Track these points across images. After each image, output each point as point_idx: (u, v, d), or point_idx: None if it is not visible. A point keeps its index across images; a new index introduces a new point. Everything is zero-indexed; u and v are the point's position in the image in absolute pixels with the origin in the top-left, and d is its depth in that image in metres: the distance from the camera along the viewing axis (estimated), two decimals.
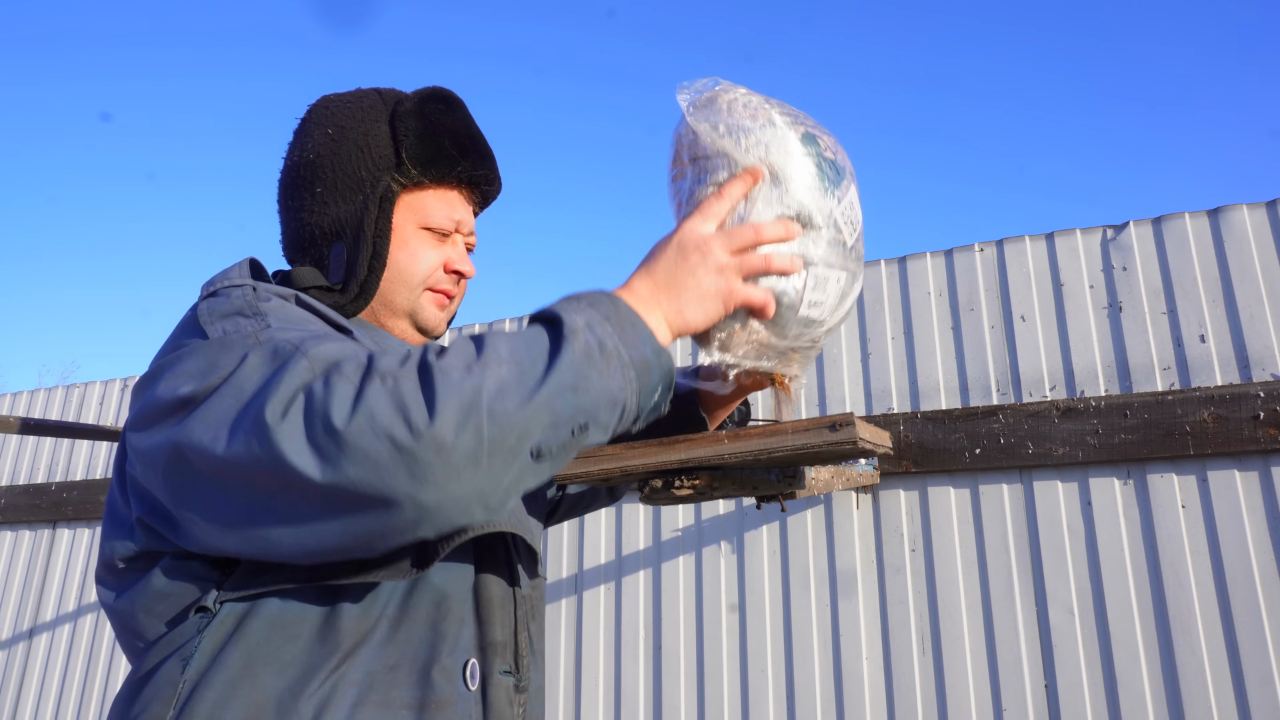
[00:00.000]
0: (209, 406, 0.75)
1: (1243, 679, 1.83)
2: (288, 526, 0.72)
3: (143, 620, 0.84)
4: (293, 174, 1.02)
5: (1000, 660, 2.01)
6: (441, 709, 0.83)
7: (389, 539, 0.71)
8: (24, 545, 3.43)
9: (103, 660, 3.12)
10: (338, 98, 1.05)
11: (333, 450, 0.66)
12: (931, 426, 2.16)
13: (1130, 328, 2.09)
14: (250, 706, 0.76)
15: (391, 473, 0.65)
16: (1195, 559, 1.91)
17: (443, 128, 1.02)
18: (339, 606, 0.82)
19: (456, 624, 0.88)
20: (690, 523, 2.41)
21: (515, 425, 0.67)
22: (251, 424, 0.71)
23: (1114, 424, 2.00)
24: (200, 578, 0.81)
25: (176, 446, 0.75)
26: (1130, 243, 2.15)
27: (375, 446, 0.65)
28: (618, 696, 2.35)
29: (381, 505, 0.67)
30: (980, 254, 2.30)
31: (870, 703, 2.09)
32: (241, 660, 0.78)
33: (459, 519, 0.70)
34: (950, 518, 2.14)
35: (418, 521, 0.68)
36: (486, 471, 0.67)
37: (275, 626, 0.80)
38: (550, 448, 0.70)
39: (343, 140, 1.00)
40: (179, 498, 0.78)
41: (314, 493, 0.68)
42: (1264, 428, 1.88)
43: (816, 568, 2.24)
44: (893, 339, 2.32)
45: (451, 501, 0.67)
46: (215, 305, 0.87)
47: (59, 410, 3.56)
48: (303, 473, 0.67)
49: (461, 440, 0.65)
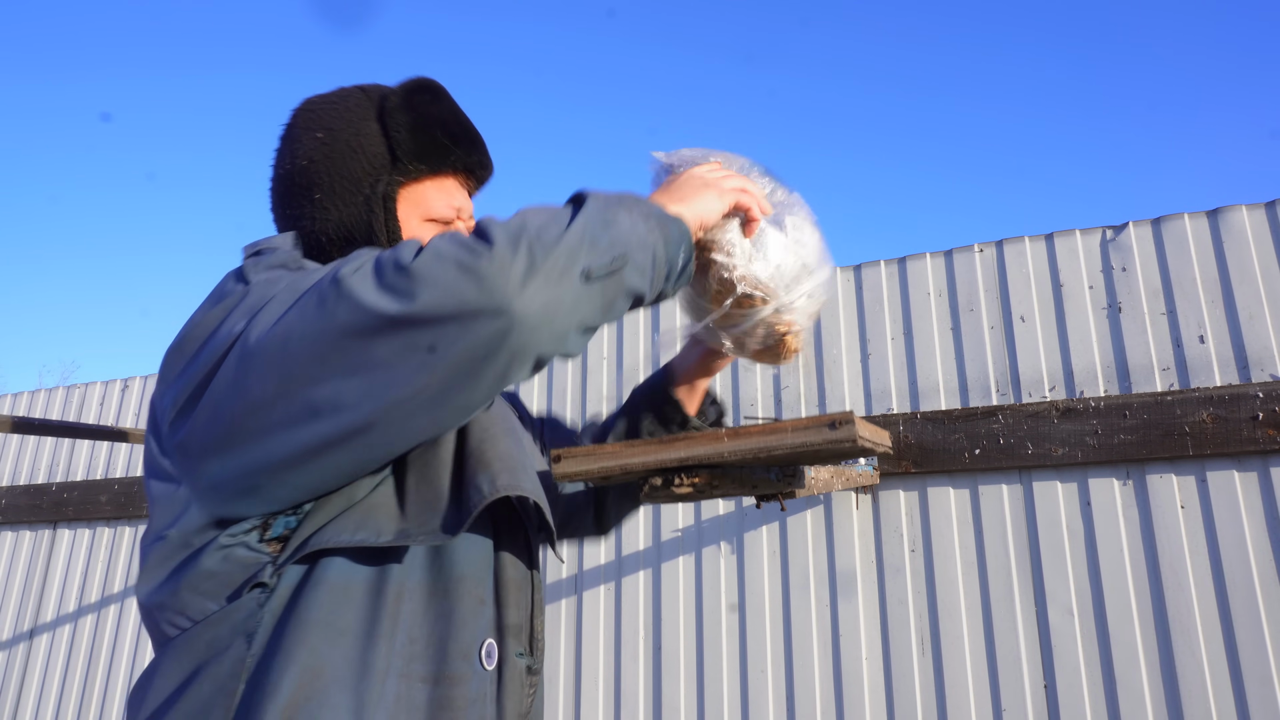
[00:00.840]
0: (267, 311, 0.79)
1: (1242, 680, 1.83)
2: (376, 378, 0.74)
3: (187, 599, 0.84)
4: (287, 182, 1.01)
5: (1000, 661, 2.01)
6: (456, 685, 0.85)
7: (482, 363, 0.74)
8: (24, 546, 3.44)
9: (103, 661, 3.12)
10: (322, 99, 1.04)
11: (404, 284, 0.72)
12: (931, 427, 2.16)
13: (1130, 328, 2.09)
14: (309, 675, 0.79)
15: (462, 289, 0.71)
16: (1194, 560, 1.92)
17: (432, 118, 1.02)
18: (384, 572, 0.85)
19: (476, 604, 0.90)
20: (690, 523, 2.41)
21: (561, 247, 0.75)
22: (324, 286, 0.76)
23: (1113, 424, 2.00)
24: (254, 552, 0.83)
25: (242, 358, 0.78)
26: (1130, 243, 2.15)
27: (443, 271, 0.71)
28: (618, 696, 2.35)
29: (463, 318, 0.71)
30: (980, 254, 2.30)
31: (870, 703, 2.09)
32: (302, 631, 0.80)
33: (538, 331, 0.74)
34: (950, 518, 2.14)
35: (502, 332, 0.72)
36: (545, 286, 0.73)
37: (331, 592, 0.82)
38: (597, 270, 0.77)
39: (334, 143, 0.99)
40: (245, 412, 0.78)
41: (393, 329, 0.72)
42: (1263, 428, 1.88)
43: (816, 568, 2.24)
44: (892, 339, 2.33)
45: (524, 311, 0.72)
46: (260, 260, 0.90)
47: (59, 410, 3.57)
48: (380, 310, 0.72)
49: (518, 258, 0.72)
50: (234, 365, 0.79)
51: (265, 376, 0.77)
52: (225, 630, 0.82)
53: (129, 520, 3.24)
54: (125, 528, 3.24)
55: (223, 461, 0.81)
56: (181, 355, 0.84)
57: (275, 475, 0.80)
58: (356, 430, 0.77)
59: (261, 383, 0.77)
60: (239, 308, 0.83)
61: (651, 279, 0.84)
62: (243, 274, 0.89)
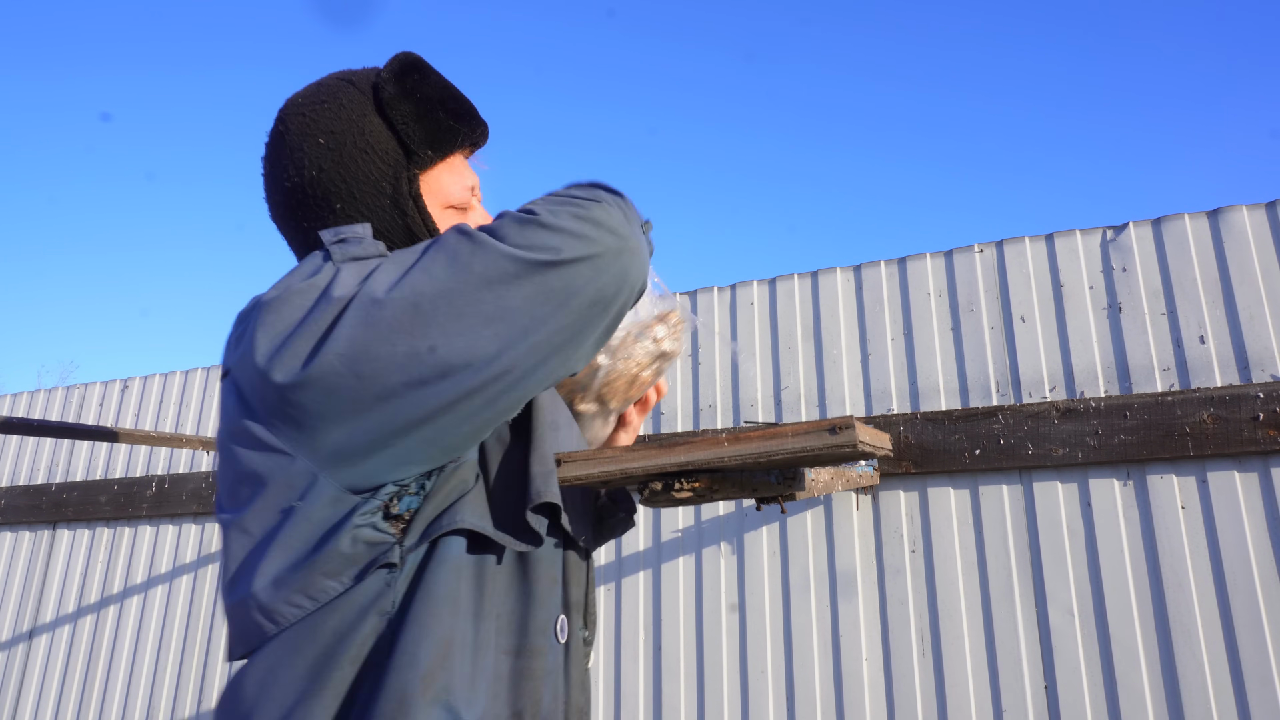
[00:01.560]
0: (379, 275, 0.82)
1: (1242, 680, 1.83)
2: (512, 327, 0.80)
3: (315, 579, 0.82)
4: (299, 195, 0.95)
5: (1000, 661, 2.01)
6: (535, 657, 0.91)
7: (620, 287, 0.85)
8: (24, 546, 3.43)
9: (102, 661, 3.12)
10: (308, 99, 0.97)
11: (536, 234, 0.80)
12: (931, 427, 2.16)
13: (1130, 329, 2.09)
14: (443, 645, 0.82)
15: (590, 232, 0.82)
16: (1195, 560, 1.91)
17: (431, 100, 0.99)
18: (483, 554, 0.89)
19: (550, 584, 0.95)
20: (690, 524, 2.41)
21: (629, 205, 0.90)
22: (452, 244, 0.82)
23: (1114, 425, 2.00)
24: (380, 532, 0.83)
25: (363, 321, 0.78)
26: (1130, 243, 2.15)
27: (565, 222, 0.81)
28: (618, 696, 2.35)
29: (590, 263, 0.81)
30: (980, 255, 2.30)
31: (870, 704, 2.09)
32: (433, 605, 0.83)
33: (645, 266, 0.88)
34: (950, 519, 2.14)
35: (625, 268, 0.84)
36: (636, 228, 0.88)
37: (453, 569, 0.86)
38: (647, 230, 0.93)
39: (341, 147, 0.94)
40: (375, 373, 0.77)
41: (531, 274, 0.79)
42: (1264, 429, 1.88)
43: (816, 569, 2.24)
44: (892, 340, 2.33)
45: (638, 248, 0.86)
46: (347, 249, 0.89)
47: (58, 411, 3.56)
48: (520, 256, 0.80)
49: (613, 205, 0.86)
50: (354, 327, 0.78)
51: (394, 335, 0.77)
52: (353, 612, 0.82)
53: (128, 521, 3.24)
54: (125, 528, 3.24)
55: (350, 426, 0.79)
56: (280, 323, 0.81)
57: (410, 433, 0.80)
58: (494, 378, 0.80)
59: (390, 342, 0.77)
60: (338, 279, 0.82)
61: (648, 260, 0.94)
62: (329, 257, 0.87)
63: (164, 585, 3.11)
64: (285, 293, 0.82)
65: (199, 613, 3.01)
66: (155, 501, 3.16)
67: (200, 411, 3.27)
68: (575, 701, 0.97)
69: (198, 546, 3.09)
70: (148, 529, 3.19)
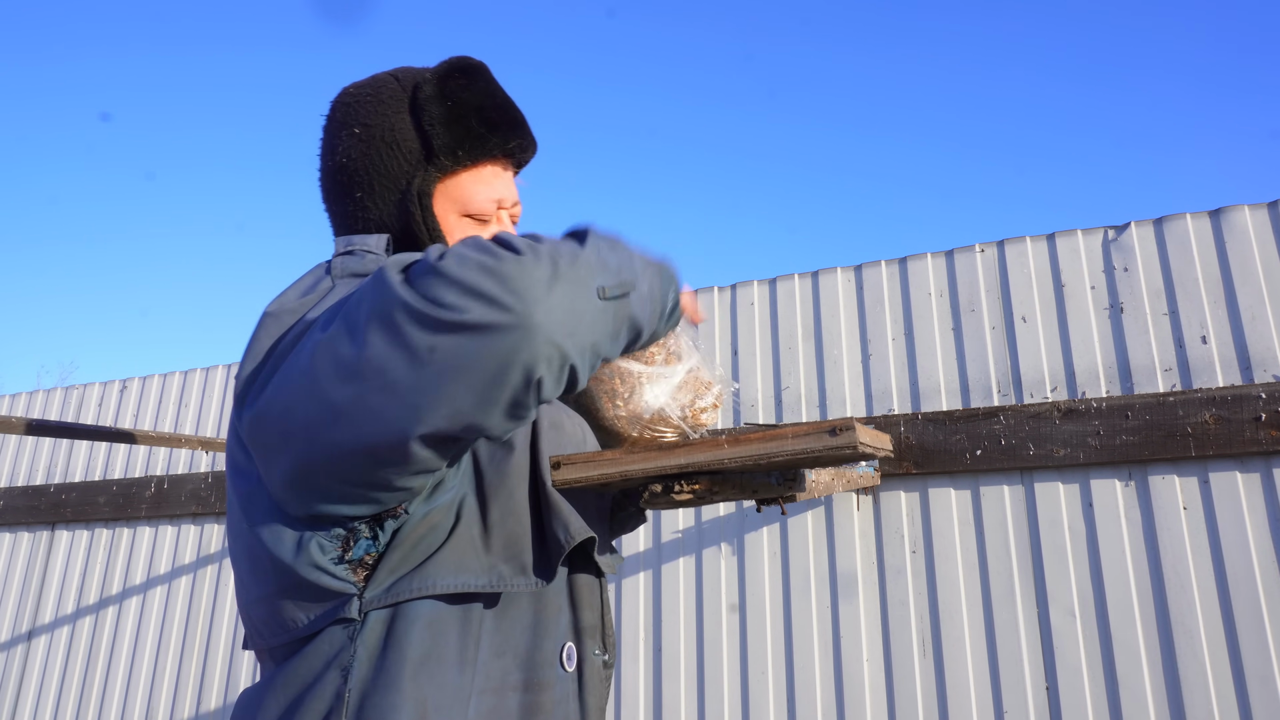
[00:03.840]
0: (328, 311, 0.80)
1: (1244, 681, 1.82)
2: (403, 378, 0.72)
3: (288, 610, 0.84)
4: (331, 179, 1.00)
5: (1001, 662, 2.01)
6: (544, 690, 0.89)
7: (504, 370, 0.71)
8: (22, 547, 3.43)
9: (102, 662, 3.11)
10: (358, 90, 1.01)
11: (431, 282, 0.70)
12: (932, 428, 2.16)
13: (1131, 329, 2.09)
14: (420, 707, 0.80)
15: (488, 290, 0.69)
16: (1197, 561, 1.91)
17: (467, 106, 0.98)
18: (469, 603, 0.86)
19: (555, 612, 0.93)
20: (690, 524, 2.41)
21: (578, 261, 0.74)
22: (367, 284, 0.76)
23: (1115, 425, 1.99)
24: (338, 580, 0.82)
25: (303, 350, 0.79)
26: (1131, 243, 2.14)
27: (468, 273, 0.70)
28: (618, 697, 2.35)
29: (487, 326, 0.69)
30: (981, 254, 2.29)
31: (871, 704, 2.09)
32: (408, 667, 0.81)
33: (558, 340, 0.72)
34: (951, 519, 2.13)
35: (523, 340, 0.70)
36: (566, 293, 0.72)
37: (427, 628, 0.83)
38: (611, 289, 0.76)
39: (370, 140, 0.97)
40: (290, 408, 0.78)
41: (426, 324, 0.70)
42: (1266, 429, 1.87)
43: (817, 569, 2.23)
44: (893, 340, 2.32)
45: (546, 320, 0.70)
46: (348, 263, 0.91)
47: (58, 411, 3.56)
48: (411, 303, 0.71)
49: (540, 262, 0.71)
50: (300, 360, 0.78)
51: (312, 378, 0.76)
52: (318, 663, 0.83)
53: (127, 521, 3.23)
54: (124, 529, 3.23)
55: (281, 456, 0.80)
56: (265, 343, 0.84)
57: (320, 475, 0.79)
58: (366, 439, 0.75)
59: (308, 383, 0.76)
60: (325, 301, 0.83)
61: (649, 313, 0.84)
62: (330, 271, 0.90)
63: (163, 586, 3.10)
64: (280, 310, 0.85)
65: (198, 613, 3.01)
66: (154, 502, 3.15)
67: (200, 411, 3.27)
68: None
69: (197, 547, 3.08)
70: (147, 530, 3.19)
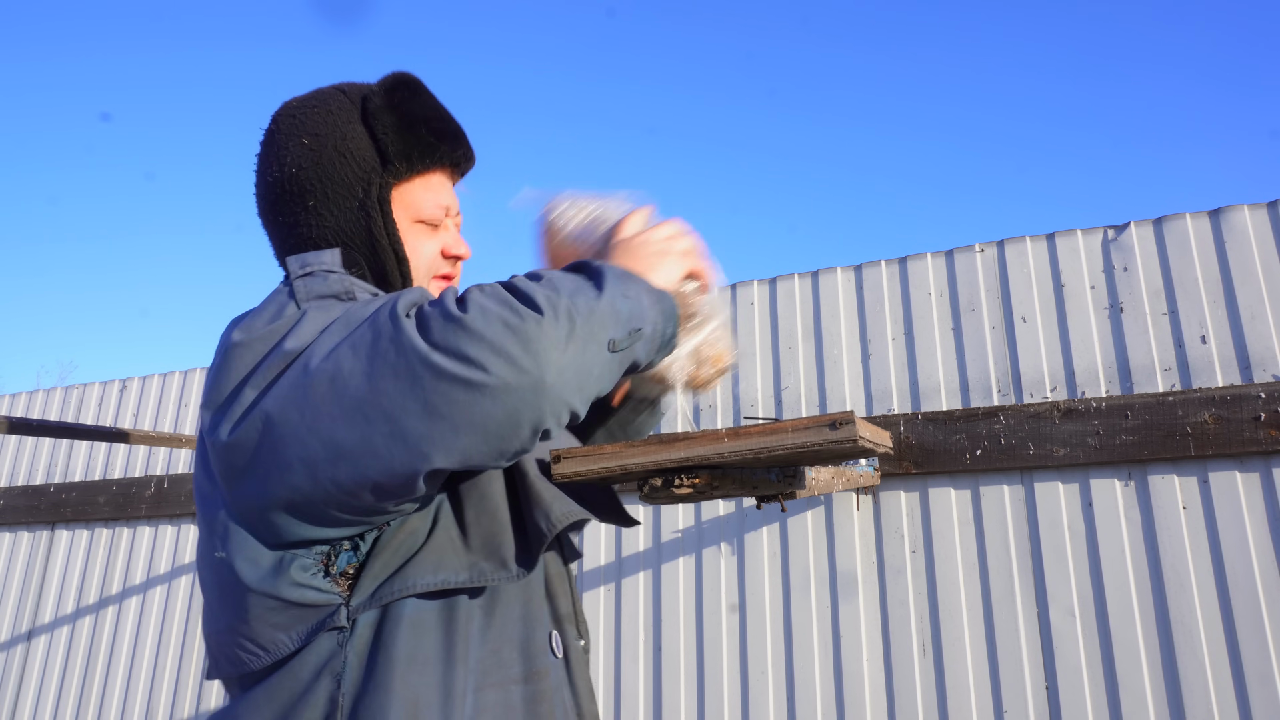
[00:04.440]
0: (323, 339, 0.81)
1: (1244, 680, 1.82)
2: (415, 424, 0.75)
3: (257, 628, 0.85)
4: (277, 190, 1.00)
5: (1001, 662, 2.01)
6: (541, 679, 0.92)
7: (515, 425, 0.75)
8: (22, 547, 3.43)
9: (101, 662, 3.11)
10: (302, 104, 1.03)
11: (454, 338, 0.73)
12: (932, 427, 2.16)
13: (1131, 328, 2.09)
14: (410, 705, 0.82)
15: (510, 350, 0.72)
16: (1196, 560, 1.91)
17: (416, 116, 1.02)
18: (453, 600, 0.88)
19: (539, 602, 0.97)
20: (690, 524, 2.41)
21: (594, 316, 0.77)
22: (380, 324, 0.77)
23: (1115, 425, 1.99)
24: (323, 593, 0.85)
25: (294, 384, 0.79)
26: (1131, 243, 2.14)
27: (491, 329, 0.73)
28: (618, 696, 2.35)
29: (504, 387, 0.73)
30: (981, 254, 2.29)
31: (871, 704, 2.09)
32: (392, 666, 0.83)
33: (568, 397, 0.76)
34: (951, 519, 2.13)
35: (537, 400, 0.74)
36: (579, 352, 0.76)
37: (410, 627, 0.85)
38: (620, 342, 0.80)
39: (322, 149, 0.99)
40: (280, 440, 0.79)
41: (444, 379, 0.73)
42: (1265, 429, 1.87)
43: (817, 569, 2.23)
44: (893, 340, 2.32)
45: (558, 381, 0.75)
46: (311, 283, 0.92)
47: (57, 411, 3.56)
48: (431, 358, 0.73)
49: (559, 322, 0.75)
50: (284, 392, 0.79)
51: (305, 412, 0.78)
52: (307, 673, 0.84)
53: (127, 521, 3.23)
54: (123, 529, 3.23)
55: (257, 485, 0.81)
56: (235, 373, 0.84)
57: (309, 504, 0.81)
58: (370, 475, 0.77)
59: (301, 418, 0.78)
60: (297, 328, 0.84)
61: (650, 351, 0.86)
62: (294, 295, 0.90)
63: (163, 586, 3.10)
64: (248, 338, 0.85)
65: (198, 613, 3.00)
66: (154, 502, 3.15)
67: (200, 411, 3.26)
68: (587, 710, 1.00)
69: (197, 547, 3.08)
70: (146, 529, 3.19)
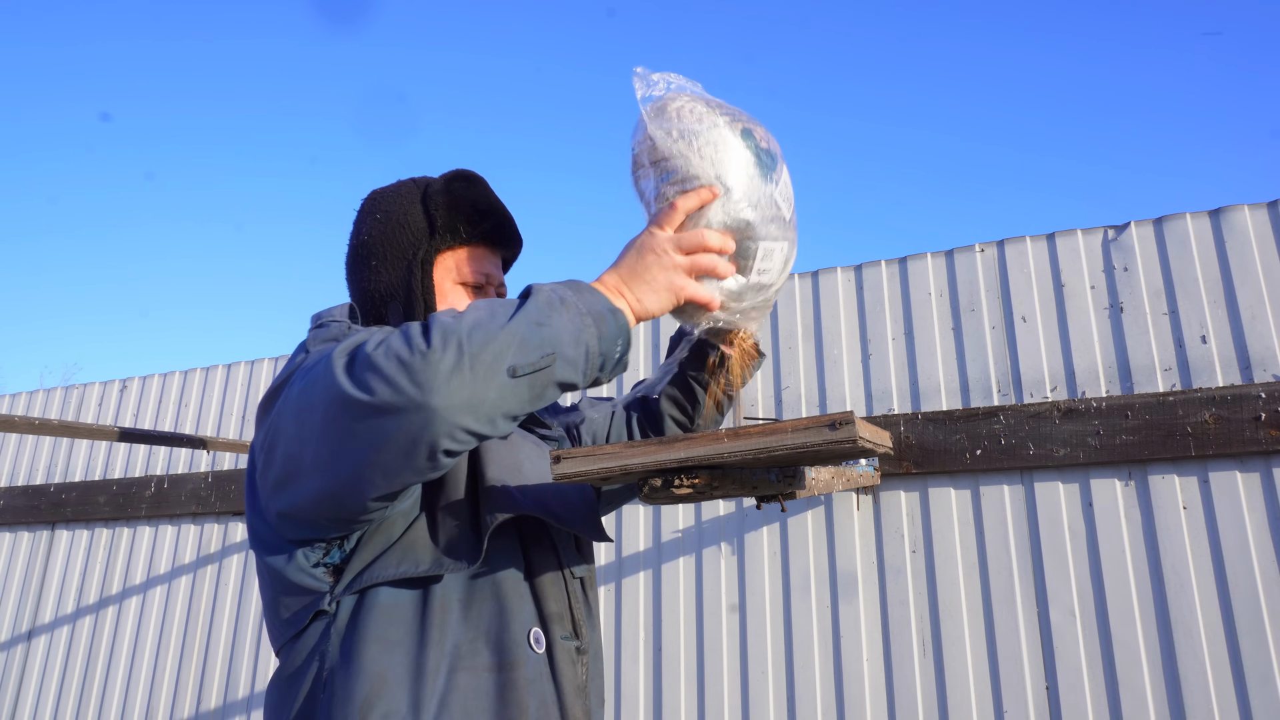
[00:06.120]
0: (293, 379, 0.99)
1: (1244, 680, 1.82)
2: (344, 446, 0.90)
3: (280, 609, 1.05)
4: (355, 254, 1.25)
5: (1001, 662, 2.01)
6: (515, 669, 1.03)
7: (414, 445, 0.87)
8: (22, 546, 3.43)
9: (101, 662, 3.11)
10: (382, 190, 1.28)
11: (359, 370, 0.87)
12: (932, 427, 2.16)
13: (1131, 328, 2.09)
14: (377, 679, 0.97)
15: (397, 380, 0.84)
16: (1196, 560, 1.91)
17: (464, 199, 1.23)
18: (427, 591, 1.03)
19: (517, 600, 1.07)
20: (690, 524, 2.41)
21: (489, 345, 0.86)
22: (321, 360, 0.93)
23: (1115, 425, 1.99)
24: (316, 580, 1.03)
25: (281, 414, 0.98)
26: (1131, 243, 2.14)
27: (387, 364, 0.85)
28: (618, 696, 2.35)
29: (396, 410, 0.84)
30: (981, 254, 2.29)
31: (871, 704, 2.09)
32: (362, 645, 0.99)
33: (459, 420, 0.86)
34: (951, 519, 2.13)
35: (426, 422, 0.85)
36: (470, 382, 0.85)
37: (382, 613, 1.01)
38: (523, 368, 0.87)
39: (388, 222, 1.22)
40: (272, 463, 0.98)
41: (353, 407, 0.86)
42: (1265, 429, 1.87)
43: (817, 569, 2.23)
44: (893, 340, 2.32)
45: (446, 405, 0.84)
46: (320, 334, 1.11)
47: (58, 410, 3.56)
48: (342, 390, 0.87)
49: (446, 355, 0.84)
50: (270, 419, 0.99)
51: (274, 434, 0.97)
52: (304, 657, 1.03)
53: (127, 521, 3.23)
54: (123, 529, 3.23)
55: (262, 496, 1.03)
56: (264, 408, 1.04)
57: (289, 518, 1.00)
58: (328, 489, 0.94)
59: (282, 439, 0.96)
60: (298, 370, 1.00)
61: (584, 370, 0.93)
62: (305, 345, 1.09)
63: (163, 586, 3.10)
64: (272, 388, 1.04)
65: (198, 613, 3.00)
66: (154, 502, 3.15)
67: (200, 412, 3.27)
68: (572, 709, 1.08)
69: (196, 547, 3.08)
70: (146, 529, 3.19)
